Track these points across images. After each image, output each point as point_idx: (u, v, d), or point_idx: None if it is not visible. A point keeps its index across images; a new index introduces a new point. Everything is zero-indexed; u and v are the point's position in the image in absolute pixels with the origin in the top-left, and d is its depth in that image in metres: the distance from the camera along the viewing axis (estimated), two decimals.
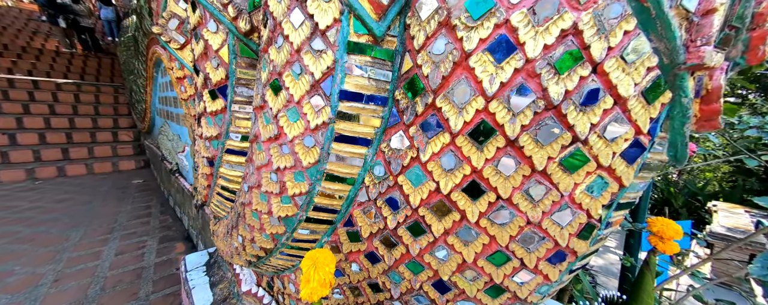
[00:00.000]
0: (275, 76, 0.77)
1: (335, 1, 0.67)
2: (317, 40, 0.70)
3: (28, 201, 3.97)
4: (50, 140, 5.25)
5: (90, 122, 5.96)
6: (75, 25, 8.19)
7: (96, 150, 5.53)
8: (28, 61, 6.94)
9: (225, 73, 0.97)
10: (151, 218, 3.96)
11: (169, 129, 4.66)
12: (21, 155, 4.73)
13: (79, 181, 4.88)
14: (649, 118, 0.58)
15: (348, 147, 0.79)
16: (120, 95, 7.17)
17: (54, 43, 8.45)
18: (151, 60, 4.09)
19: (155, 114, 5.29)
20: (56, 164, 4.95)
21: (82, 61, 7.94)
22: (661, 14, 0.50)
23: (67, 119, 5.67)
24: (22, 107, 5.36)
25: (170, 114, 4.39)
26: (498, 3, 0.58)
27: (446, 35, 0.65)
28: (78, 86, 6.65)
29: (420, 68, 0.71)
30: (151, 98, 5.10)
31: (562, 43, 0.56)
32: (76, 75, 7.39)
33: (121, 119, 6.46)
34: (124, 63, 6.88)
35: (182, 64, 1.30)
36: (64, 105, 5.91)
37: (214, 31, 0.93)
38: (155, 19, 1.24)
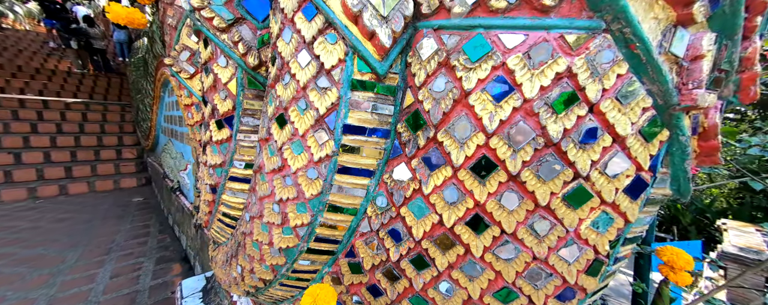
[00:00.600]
0: (281, 110, 0.80)
1: (340, 43, 0.71)
2: (322, 79, 0.73)
3: (27, 221, 3.94)
4: (55, 158, 5.30)
5: (95, 140, 6.05)
6: (88, 47, 8.55)
7: (99, 168, 5.56)
8: (40, 82, 7.18)
9: (232, 104, 1.00)
10: (149, 237, 3.90)
11: (173, 147, 4.71)
12: (24, 173, 4.76)
13: (80, 200, 4.87)
14: (648, 155, 0.59)
15: (351, 179, 0.80)
16: (126, 113, 7.33)
17: (67, 64, 8.78)
18: (159, 81, 4.22)
19: (160, 132, 5.37)
20: (59, 182, 4.97)
21: (92, 80, 8.20)
22: (651, 60, 0.53)
23: (72, 138, 5.76)
24: (30, 126, 5.47)
25: (175, 132, 4.45)
26: (494, 47, 0.61)
27: (446, 74, 0.68)
28: (86, 105, 6.82)
29: (421, 104, 0.73)
30: (157, 116, 5.20)
31: (558, 84, 0.58)
32: (85, 94, 7.61)
33: (126, 136, 6.56)
34: (133, 82, 7.09)
35: (191, 92, 1.34)
36: (71, 124, 6.03)
37: (224, 66, 0.97)
38: (168, 51, 1.31)
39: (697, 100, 0.52)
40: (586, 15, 0.55)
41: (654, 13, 0.52)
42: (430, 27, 0.71)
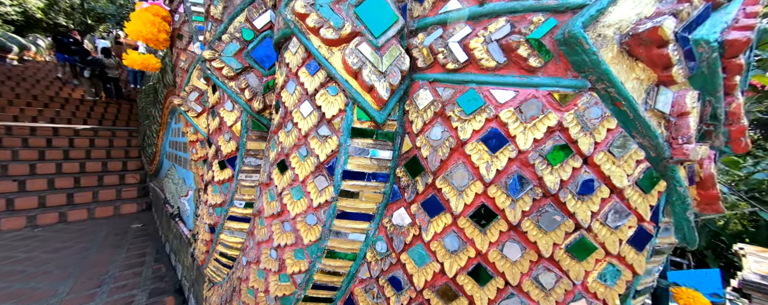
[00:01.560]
0: (283, 156, 0.82)
1: (341, 94, 0.74)
2: (324, 127, 0.76)
3: (24, 251, 3.86)
4: (58, 185, 5.33)
5: (100, 165, 6.12)
6: (102, 76, 8.97)
7: (100, 194, 5.56)
8: (53, 110, 7.45)
9: (235, 145, 1.03)
10: (144, 267, 3.77)
11: (176, 173, 4.73)
12: (26, 201, 4.76)
13: (78, 227, 4.80)
14: (648, 205, 0.59)
15: (350, 223, 0.79)
16: (133, 138, 7.48)
17: (80, 92, 9.16)
18: (167, 108, 4.36)
19: (164, 157, 5.43)
20: (59, 209, 4.94)
21: (103, 107, 8.49)
22: (638, 117, 0.55)
23: (78, 164, 5.83)
24: (38, 153, 5.58)
25: (178, 158, 4.50)
26: (487, 101, 0.64)
27: (442, 124, 0.70)
28: (95, 131, 6.99)
29: (419, 150, 0.75)
30: (163, 142, 5.29)
31: (551, 137, 0.59)
32: (95, 120, 7.83)
33: (130, 161, 6.63)
34: (142, 109, 7.31)
35: (197, 129, 1.38)
36: (78, 150, 6.14)
37: (230, 110, 1.01)
38: (178, 92, 1.37)
39: (688, 154, 0.53)
40: (571, 75, 0.58)
41: (635, 74, 0.55)
42: (426, 79, 0.74)
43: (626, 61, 0.55)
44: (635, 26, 0.52)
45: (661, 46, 0.51)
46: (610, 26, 0.54)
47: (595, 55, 0.54)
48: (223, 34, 0.97)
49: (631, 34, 0.53)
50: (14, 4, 11.96)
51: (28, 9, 12.49)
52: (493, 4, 0.63)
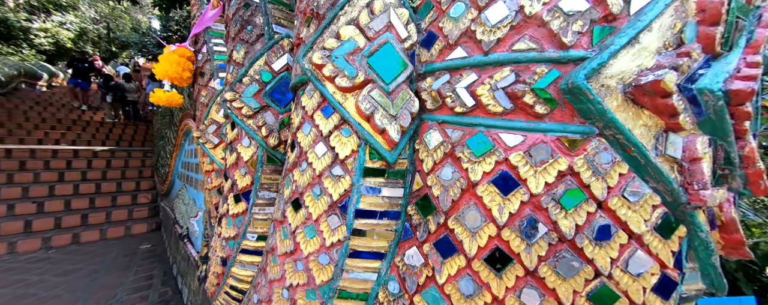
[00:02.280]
0: (297, 195, 0.84)
1: (354, 136, 0.78)
2: (337, 167, 0.79)
3: (36, 274, 3.90)
4: (74, 205, 5.47)
5: (114, 186, 6.29)
6: (122, 99, 9.48)
7: (113, 214, 5.66)
8: (75, 132, 7.83)
9: (251, 179, 1.06)
10: (151, 290, 3.74)
11: (187, 193, 4.81)
12: (43, 223, 4.88)
13: (90, 248, 4.86)
14: (670, 252, 0.58)
15: (362, 263, 0.79)
16: (147, 158, 7.72)
17: (101, 115, 9.65)
18: (181, 130, 4.54)
19: (176, 177, 5.56)
20: (73, 230, 5.04)
21: (121, 129, 8.89)
22: (649, 163, 0.55)
23: (94, 185, 6.02)
24: (58, 175, 5.80)
25: (190, 179, 4.59)
26: (496, 144, 0.66)
27: (452, 164, 0.72)
28: (112, 152, 7.27)
29: (430, 189, 0.76)
30: (176, 162, 5.44)
31: (563, 181, 0.60)
32: (112, 141, 8.17)
33: (143, 181, 6.80)
34: (158, 130, 7.60)
35: (213, 160, 1.44)
36: (95, 171, 6.36)
37: (247, 146, 1.06)
38: (197, 125, 1.45)
39: (706, 200, 0.53)
40: (578, 121, 0.60)
41: (642, 120, 0.56)
42: (435, 120, 0.77)
43: (632, 108, 0.57)
44: (637, 77, 0.55)
45: (665, 97, 0.52)
46: (613, 77, 0.56)
47: (601, 105, 0.55)
48: (244, 77, 1.04)
49: (634, 84, 0.55)
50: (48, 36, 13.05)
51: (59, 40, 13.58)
52: (497, 55, 0.67)
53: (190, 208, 4.45)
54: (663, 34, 0.56)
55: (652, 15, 0.55)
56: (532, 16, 0.63)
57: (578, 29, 0.59)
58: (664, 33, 0.56)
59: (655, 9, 0.55)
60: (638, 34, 0.55)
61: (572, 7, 0.60)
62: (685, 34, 0.55)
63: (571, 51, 0.59)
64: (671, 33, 0.56)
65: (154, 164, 7.37)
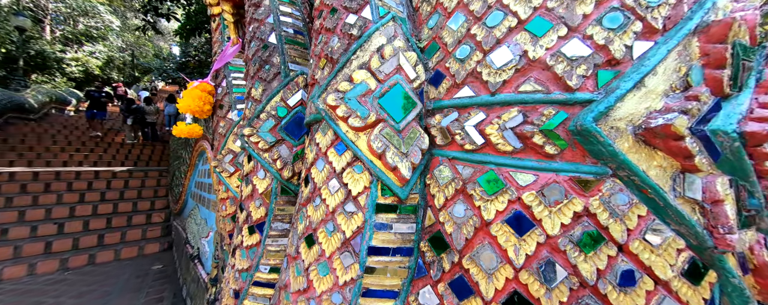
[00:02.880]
0: (310, 231, 0.85)
1: (366, 173, 0.80)
2: (350, 204, 0.80)
3: (52, 296, 3.96)
4: (92, 226, 5.63)
5: (130, 205, 6.48)
6: (142, 121, 9.99)
7: (128, 234, 5.78)
8: (97, 154, 8.22)
9: (265, 211, 1.09)
10: None
11: (199, 213, 4.89)
12: (62, 244, 5.03)
13: (104, 269, 4.94)
14: (701, 299, 0.55)
15: (375, 302, 0.78)
16: (163, 177, 7.97)
17: (122, 137, 10.15)
18: (196, 151, 4.70)
19: (189, 197, 5.69)
20: (90, 251, 5.15)
21: (139, 149, 9.28)
22: (668, 205, 0.54)
23: (111, 205, 6.21)
24: (79, 196, 6.04)
25: (202, 199, 4.68)
26: (508, 183, 0.66)
27: (464, 201, 0.72)
28: (130, 172, 7.55)
29: (443, 225, 0.76)
30: (189, 182, 5.59)
31: (579, 223, 0.59)
32: (131, 162, 8.52)
33: (158, 200, 6.98)
34: (174, 150, 7.87)
35: (228, 188, 1.48)
36: (113, 191, 6.59)
37: (262, 178, 1.09)
38: (215, 154, 1.51)
39: (733, 245, 0.51)
40: (590, 161, 0.60)
41: (657, 161, 0.56)
42: (446, 156, 0.79)
43: (644, 150, 0.57)
44: (646, 120, 0.55)
45: (678, 140, 0.53)
46: (621, 120, 0.57)
47: (612, 147, 0.56)
48: (261, 113, 1.10)
49: (644, 127, 0.55)
50: (78, 65, 14.13)
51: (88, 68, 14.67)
52: (504, 95, 0.69)
53: (201, 228, 4.51)
54: (668, 77, 0.57)
55: (656, 60, 0.56)
56: (536, 60, 0.66)
57: (582, 73, 0.61)
58: (669, 76, 0.57)
59: (658, 54, 0.57)
60: (643, 78, 0.56)
61: (575, 52, 0.62)
62: (691, 78, 0.56)
63: (578, 93, 0.61)
64: (677, 76, 0.57)
65: (168, 183, 7.58)
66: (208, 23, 7.06)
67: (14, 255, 4.68)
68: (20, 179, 5.94)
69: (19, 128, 8.95)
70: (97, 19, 16.12)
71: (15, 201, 5.42)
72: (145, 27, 8.71)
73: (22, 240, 4.90)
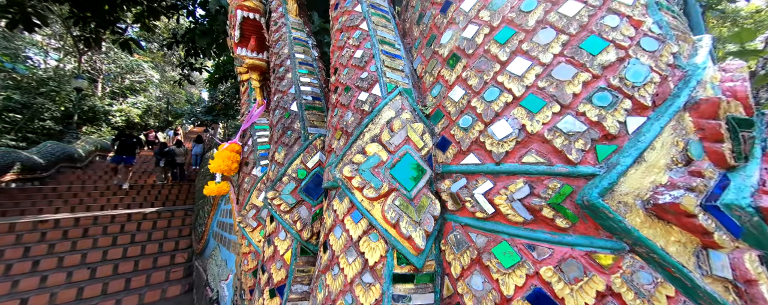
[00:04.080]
0: (330, 302, 0.87)
1: (381, 241, 0.83)
2: (367, 275, 0.82)
3: None
4: (121, 269, 5.83)
5: (156, 246, 6.70)
6: (172, 162, 10.76)
7: (153, 277, 5.90)
8: (131, 196, 8.81)
9: (285, 273, 1.12)
10: None
11: (219, 254, 4.95)
12: (93, 289, 5.20)
13: None
14: None
15: None
16: (187, 216, 8.29)
17: (153, 178, 10.90)
18: None
19: (211, 236, 5.83)
20: (116, 296, 5.26)
21: (168, 190, 9.87)
22: (696, 286, 0.52)
23: (140, 247, 6.46)
24: (112, 239, 6.36)
25: (223, 239, 4.78)
26: (524, 256, 0.67)
27: (482, 273, 0.73)
28: (158, 214, 7.95)
29: (462, 297, 0.75)
30: (212, 221, 5.77)
31: (604, 303, 0.58)
32: (160, 202, 9.01)
33: (182, 240, 7.18)
34: (198, 190, 8.27)
35: (250, 242, 1.54)
36: (142, 233, 6.91)
37: (283, 239, 1.15)
38: (239, 209, 1.61)
39: None
40: (604, 235, 0.60)
41: (674, 237, 0.56)
42: (458, 222, 0.81)
43: (659, 224, 0.57)
44: (654, 195, 0.56)
45: (690, 217, 0.53)
46: (628, 194, 0.58)
47: (623, 223, 0.57)
48: (283, 176, 1.19)
49: (652, 202, 0.56)
50: (121, 115, 15.92)
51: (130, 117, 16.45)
52: (508, 165, 0.73)
53: (221, 270, 4.53)
54: (668, 151, 0.59)
55: (652, 135, 0.59)
56: (535, 133, 0.70)
57: (581, 147, 0.64)
58: (668, 150, 0.59)
59: (653, 130, 0.60)
60: (642, 153, 0.59)
61: (570, 128, 0.66)
62: (691, 152, 0.58)
63: (580, 167, 0.64)
64: (676, 150, 0.59)
65: (192, 222, 7.84)
66: (234, 71, 7.89)
67: (49, 303, 4.86)
68: (64, 226, 6.40)
69: (67, 176, 9.88)
70: (141, 75, 18.49)
71: (56, 247, 5.78)
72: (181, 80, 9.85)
73: (58, 287, 5.11)
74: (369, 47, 1.08)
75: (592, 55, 0.69)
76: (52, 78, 12.32)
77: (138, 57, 16.98)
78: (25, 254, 5.50)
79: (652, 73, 0.64)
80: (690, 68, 0.63)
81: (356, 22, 1.16)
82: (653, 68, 0.64)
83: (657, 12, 0.69)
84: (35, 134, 11.36)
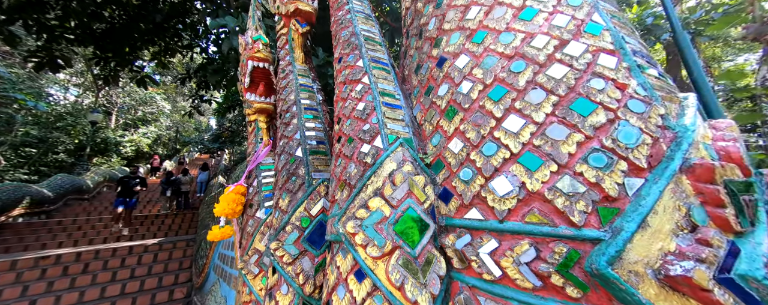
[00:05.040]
0: None
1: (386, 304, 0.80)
2: None
3: None
4: None
5: (156, 281, 6.49)
6: (177, 191, 10.81)
7: None
8: (134, 227, 8.75)
9: None
10: None
11: (219, 289, 4.76)
12: None
13: None
14: None
15: None
16: (189, 247, 8.12)
17: (157, 207, 10.89)
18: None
19: (211, 269, 5.65)
20: None
21: (171, 219, 9.79)
22: None
23: (139, 282, 6.26)
24: (111, 275, 6.20)
25: (224, 273, 4.62)
26: None
27: None
28: (160, 245, 7.81)
29: None
30: (213, 253, 5.63)
31: None
32: (162, 233, 8.89)
33: (182, 273, 6.96)
34: (202, 219, 8.19)
35: (251, 290, 1.50)
36: (142, 267, 6.73)
37: (285, 293, 1.11)
38: (242, 253, 1.59)
39: None
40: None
41: None
42: (465, 283, 0.79)
43: (674, 297, 0.55)
44: (664, 266, 0.55)
45: (705, 291, 0.51)
46: (637, 263, 0.57)
47: (637, 297, 0.55)
48: (287, 225, 1.19)
49: (664, 273, 0.55)
50: (132, 145, 16.39)
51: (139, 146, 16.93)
52: (512, 224, 0.73)
53: None
54: (671, 216, 0.59)
55: (652, 199, 0.60)
56: (535, 192, 0.71)
57: (583, 209, 0.65)
58: (671, 215, 0.59)
59: (653, 193, 0.60)
60: (645, 218, 0.59)
61: (570, 188, 0.67)
62: (694, 217, 0.57)
63: (584, 230, 0.63)
64: (679, 215, 0.59)
65: (194, 253, 7.66)
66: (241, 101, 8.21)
67: None
68: (65, 262, 6.30)
69: (74, 208, 9.94)
70: (154, 106, 19.35)
71: (55, 285, 5.64)
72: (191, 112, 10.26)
73: None
74: (371, 100, 1.14)
75: (583, 117, 0.72)
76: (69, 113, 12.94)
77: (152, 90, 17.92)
78: (23, 293, 5.36)
79: (644, 134, 0.66)
80: (680, 129, 0.66)
81: (358, 76, 1.24)
82: (644, 130, 0.66)
83: (640, 75, 0.73)
84: (47, 167, 11.65)
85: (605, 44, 0.79)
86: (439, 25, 1.19)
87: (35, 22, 5.65)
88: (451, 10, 1.15)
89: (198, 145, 17.80)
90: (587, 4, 0.86)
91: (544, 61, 0.83)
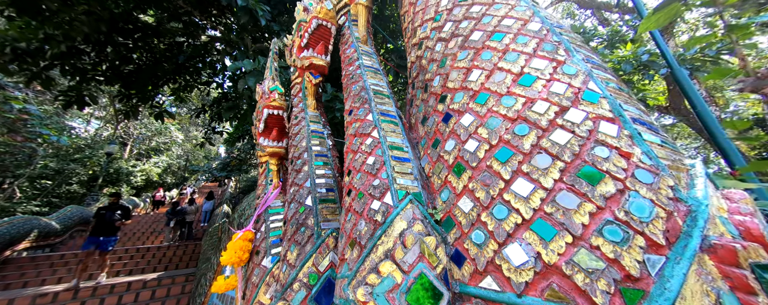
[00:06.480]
0: None
1: None
2: None
3: None
4: None
5: None
6: (181, 221, 10.72)
7: None
8: (135, 261, 8.54)
9: None
10: None
11: None
12: None
13: None
14: None
15: None
16: (188, 282, 7.80)
17: (161, 238, 10.73)
18: None
19: None
20: None
21: (173, 251, 9.57)
22: None
23: None
24: None
25: None
26: None
27: None
28: (159, 281, 7.53)
29: None
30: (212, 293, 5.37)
31: None
32: (162, 267, 8.63)
33: None
34: (204, 252, 7.98)
35: None
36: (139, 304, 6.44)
37: None
38: (246, 304, 1.52)
39: None
40: None
41: None
42: None
43: None
44: None
45: None
46: None
47: None
48: (294, 282, 1.16)
49: None
50: (142, 174, 16.74)
51: (149, 175, 17.26)
52: (531, 299, 0.70)
53: None
54: (700, 302, 0.56)
55: (677, 283, 0.58)
56: (552, 265, 0.69)
57: (605, 289, 0.62)
58: (700, 300, 0.56)
59: (676, 275, 0.58)
60: (673, 303, 0.56)
61: (589, 264, 0.66)
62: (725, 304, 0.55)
63: None
64: (708, 301, 0.56)
65: (192, 290, 7.33)
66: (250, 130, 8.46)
67: None
68: (61, 300, 6.09)
69: (78, 240, 9.87)
70: (167, 136, 20.13)
71: None
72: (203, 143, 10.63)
73: None
74: (380, 155, 1.18)
75: (592, 185, 0.73)
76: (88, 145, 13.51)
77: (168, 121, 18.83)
78: None
79: (656, 207, 0.66)
80: (693, 203, 0.65)
81: (368, 130, 1.30)
82: (656, 202, 0.67)
83: (643, 143, 0.76)
84: (59, 199, 11.84)
85: (604, 112, 0.83)
86: (443, 82, 1.27)
87: (71, 67, 6.21)
88: (453, 70, 1.24)
89: (206, 173, 18.08)
90: (582, 72, 0.93)
91: (547, 126, 0.87)
